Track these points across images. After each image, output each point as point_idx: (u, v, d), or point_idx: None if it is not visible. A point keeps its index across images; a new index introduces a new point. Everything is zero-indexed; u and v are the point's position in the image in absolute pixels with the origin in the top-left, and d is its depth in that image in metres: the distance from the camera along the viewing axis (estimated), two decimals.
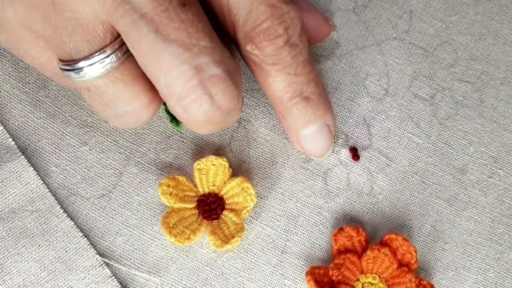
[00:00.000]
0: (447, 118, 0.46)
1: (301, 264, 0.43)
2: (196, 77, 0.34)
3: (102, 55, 0.35)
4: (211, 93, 0.35)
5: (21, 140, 0.43)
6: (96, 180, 0.43)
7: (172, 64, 0.34)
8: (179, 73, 0.34)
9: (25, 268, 0.41)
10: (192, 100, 0.35)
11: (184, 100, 0.35)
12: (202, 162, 0.43)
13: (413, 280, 0.40)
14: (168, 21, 0.34)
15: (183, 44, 0.34)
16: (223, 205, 0.43)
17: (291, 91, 0.39)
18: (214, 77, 0.35)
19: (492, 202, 0.45)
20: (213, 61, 0.35)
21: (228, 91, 0.35)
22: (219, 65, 0.35)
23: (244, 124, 0.45)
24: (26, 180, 0.42)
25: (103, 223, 0.42)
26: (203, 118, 0.36)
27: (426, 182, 0.45)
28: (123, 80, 0.36)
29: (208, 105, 0.35)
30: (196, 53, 0.34)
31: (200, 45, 0.34)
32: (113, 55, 0.35)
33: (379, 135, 0.46)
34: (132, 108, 0.37)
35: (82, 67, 0.35)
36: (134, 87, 0.36)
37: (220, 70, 0.35)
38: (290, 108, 0.40)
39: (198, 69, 0.34)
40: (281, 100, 0.39)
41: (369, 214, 0.44)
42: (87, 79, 0.36)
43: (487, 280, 0.43)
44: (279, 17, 0.37)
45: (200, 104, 0.35)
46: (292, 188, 0.44)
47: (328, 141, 0.42)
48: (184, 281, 0.42)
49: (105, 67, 0.35)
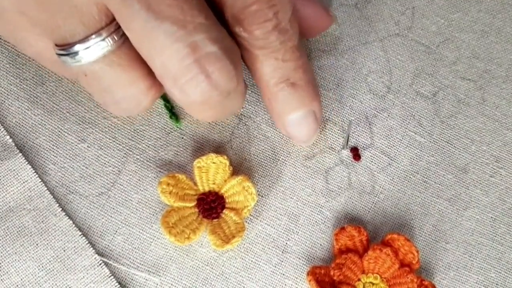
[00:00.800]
0: (449, 116, 0.46)
1: (302, 264, 0.42)
2: (191, 56, 0.34)
3: (98, 38, 0.34)
4: (207, 72, 0.34)
5: (18, 138, 0.43)
6: (94, 178, 0.43)
7: (166, 42, 0.33)
8: (173, 52, 0.33)
9: (23, 268, 0.40)
10: (188, 80, 0.34)
11: (180, 80, 0.34)
12: (202, 160, 0.42)
13: (415, 280, 0.40)
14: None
15: (177, 22, 0.33)
16: (224, 203, 0.42)
17: (277, 76, 0.38)
18: (211, 55, 0.34)
19: (493, 201, 0.45)
20: (209, 39, 0.34)
21: (225, 69, 0.34)
22: (215, 42, 0.34)
23: (244, 120, 0.45)
24: (24, 178, 0.42)
25: (102, 221, 0.42)
26: (201, 98, 0.35)
27: (427, 182, 0.45)
28: (120, 64, 0.35)
29: (204, 84, 0.34)
30: (191, 31, 0.33)
31: (195, 22, 0.33)
32: (109, 38, 0.34)
33: (381, 134, 0.45)
34: (130, 93, 0.36)
35: (77, 51, 0.35)
36: (131, 72, 0.36)
37: (216, 47, 0.34)
38: (276, 93, 0.39)
39: (193, 47, 0.33)
40: (267, 85, 0.39)
41: (371, 213, 0.44)
42: (83, 64, 0.35)
43: (489, 280, 0.43)
44: (269, 0, 0.36)
45: (197, 83, 0.34)
46: (293, 186, 0.44)
47: (313, 128, 0.41)
48: (184, 280, 0.41)
49: (101, 50, 0.35)
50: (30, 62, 0.44)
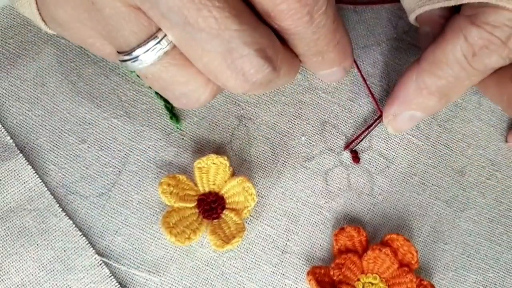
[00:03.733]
0: (446, 120, 0.47)
1: (302, 264, 0.43)
2: (228, 59, 0.35)
3: (152, 42, 0.36)
4: (243, 71, 0.36)
5: (19, 138, 0.43)
6: (95, 179, 0.43)
7: (205, 50, 0.35)
8: (212, 57, 0.35)
9: (23, 268, 0.40)
10: (227, 77, 0.36)
11: (220, 78, 0.36)
12: (202, 161, 0.42)
13: (414, 280, 0.41)
14: (195, 11, 0.34)
15: (213, 31, 0.35)
16: (224, 204, 0.43)
17: (311, 53, 0.40)
18: (245, 57, 0.36)
19: (490, 203, 0.45)
20: (244, 43, 0.35)
21: (260, 67, 0.36)
22: (250, 45, 0.36)
23: (245, 122, 0.45)
24: (24, 178, 0.41)
25: (102, 222, 0.42)
26: (241, 90, 0.37)
27: (425, 184, 0.45)
28: (175, 64, 0.37)
29: (242, 81, 0.36)
30: (227, 38, 0.35)
31: (230, 30, 0.35)
32: (163, 40, 0.36)
33: (379, 137, 0.46)
34: (188, 89, 0.38)
35: (136, 56, 0.36)
36: (187, 70, 0.37)
37: (252, 49, 0.36)
38: (308, 61, 0.41)
39: (229, 51, 0.35)
40: (299, 56, 0.41)
41: (370, 214, 0.44)
42: (142, 68, 0.37)
43: (487, 280, 0.44)
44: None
45: (235, 80, 0.36)
46: (293, 187, 0.44)
47: (341, 77, 0.44)
48: (184, 280, 0.42)
49: (157, 53, 0.36)
50: (31, 64, 0.44)
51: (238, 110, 0.45)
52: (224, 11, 0.35)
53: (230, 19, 0.35)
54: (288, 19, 0.37)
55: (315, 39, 0.39)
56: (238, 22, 0.35)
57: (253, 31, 0.36)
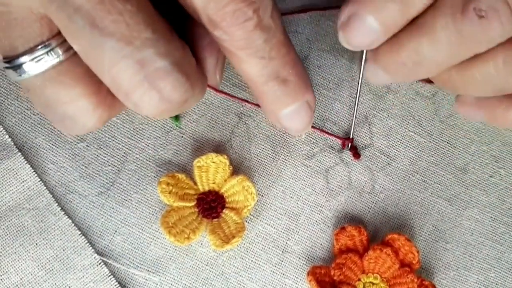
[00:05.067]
0: (448, 116, 0.46)
1: (302, 264, 0.42)
2: (141, 72, 0.32)
3: (40, 51, 0.33)
4: (159, 87, 0.33)
5: (18, 137, 0.42)
6: (93, 177, 0.43)
7: (114, 59, 0.32)
8: (122, 68, 0.32)
9: (22, 267, 0.40)
10: (140, 95, 0.33)
11: (132, 96, 0.33)
12: (202, 160, 0.42)
13: (415, 280, 0.40)
14: (105, 14, 0.31)
15: (123, 38, 0.32)
16: (224, 203, 0.42)
17: (266, 75, 0.36)
18: (160, 70, 0.32)
19: (493, 201, 0.45)
20: (158, 54, 0.32)
21: (177, 83, 0.33)
22: (165, 57, 0.33)
23: (244, 119, 0.45)
24: (23, 177, 0.41)
25: (101, 221, 0.42)
26: (155, 111, 0.34)
27: (427, 181, 0.45)
28: (61, 80, 0.34)
29: (157, 100, 0.33)
30: (138, 46, 0.32)
31: (142, 37, 0.32)
32: (51, 52, 0.33)
33: (381, 134, 0.45)
34: (74, 112, 0.35)
35: (19, 64, 0.33)
36: (73, 89, 0.34)
37: (166, 62, 0.33)
38: (266, 92, 0.37)
39: (142, 63, 0.32)
40: (257, 85, 0.37)
41: (371, 213, 0.44)
42: (24, 78, 0.34)
43: (488, 280, 0.43)
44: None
45: (149, 99, 0.33)
46: (294, 185, 0.44)
47: (308, 118, 0.40)
48: (183, 280, 0.41)
49: (44, 64, 0.33)
50: None
51: (237, 107, 0.45)
52: (137, 16, 0.32)
53: (143, 26, 0.32)
54: (235, 24, 0.33)
55: (268, 51, 0.35)
56: (152, 30, 0.32)
57: (168, 41, 0.33)
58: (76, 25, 0.31)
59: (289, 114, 0.38)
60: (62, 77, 0.34)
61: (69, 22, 0.32)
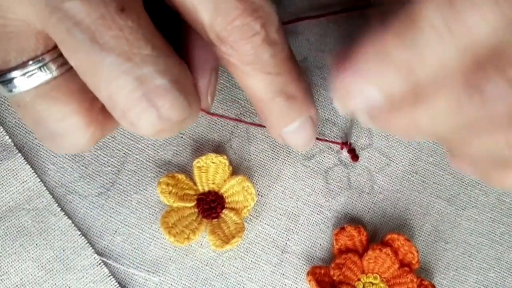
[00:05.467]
0: None
1: (302, 264, 0.42)
2: (140, 89, 0.32)
3: (33, 66, 0.32)
4: (157, 106, 0.32)
5: (18, 138, 0.42)
6: (93, 178, 0.43)
7: (113, 75, 0.31)
8: (120, 85, 0.31)
9: (22, 267, 0.40)
10: (137, 113, 0.32)
11: (129, 113, 0.32)
12: (202, 160, 0.42)
13: (414, 280, 0.41)
14: (105, 29, 0.31)
15: (123, 54, 0.31)
16: (223, 203, 0.42)
17: (272, 90, 0.36)
18: (159, 88, 0.32)
19: (492, 201, 0.45)
20: (157, 71, 0.32)
21: (176, 102, 0.33)
22: (164, 74, 0.32)
23: (244, 120, 0.45)
24: (23, 178, 0.42)
25: (101, 221, 0.42)
26: (152, 130, 0.33)
27: (426, 182, 0.45)
28: (53, 96, 0.33)
29: (155, 118, 0.33)
30: (138, 63, 0.31)
31: (142, 54, 0.32)
32: (44, 67, 0.32)
33: (380, 134, 0.45)
34: (63, 129, 0.34)
35: (10, 79, 0.33)
36: (66, 106, 0.33)
37: (165, 80, 0.32)
38: (272, 108, 0.37)
39: (141, 80, 0.32)
40: (262, 100, 0.37)
41: (370, 213, 0.44)
42: (14, 93, 0.33)
43: (488, 280, 0.43)
44: (253, 11, 0.33)
45: (146, 117, 0.32)
46: (293, 186, 0.44)
47: (312, 133, 0.40)
48: (183, 280, 0.41)
49: (35, 81, 0.33)
50: None
51: (237, 108, 0.45)
52: (137, 33, 0.32)
53: (143, 42, 0.32)
54: (243, 39, 0.33)
55: (274, 65, 0.35)
56: (152, 47, 0.32)
57: (167, 59, 0.33)
58: (75, 39, 0.31)
59: (294, 130, 0.38)
60: (55, 92, 0.33)
61: (68, 36, 0.31)
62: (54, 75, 0.33)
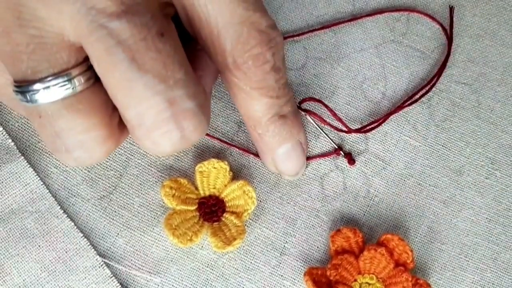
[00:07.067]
0: (444, 120, 0.47)
1: (300, 265, 0.43)
2: (169, 110, 0.33)
3: (61, 79, 0.33)
4: (182, 127, 0.34)
5: (21, 141, 0.43)
6: (96, 181, 0.43)
7: (146, 94, 0.33)
8: (152, 104, 0.33)
9: (25, 269, 0.41)
10: (163, 133, 0.34)
11: (154, 132, 0.34)
12: (204, 165, 0.43)
13: (409, 279, 0.41)
14: (146, 50, 0.32)
15: (159, 75, 0.33)
16: (224, 207, 0.43)
17: (272, 112, 0.39)
18: (188, 111, 0.34)
19: (489, 202, 0.45)
20: (187, 95, 0.34)
21: (200, 125, 0.35)
22: (193, 99, 0.34)
23: (243, 128, 0.45)
24: (26, 181, 0.42)
25: (104, 224, 0.43)
26: (170, 150, 0.35)
27: (422, 184, 0.45)
28: (79, 109, 0.34)
29: (177, 139, 0.34)
30: (171, 85, 0.33)
31: (176, 78, 0.33)
32: (74, 80, 0.33)
33: (376, 139, 0.46)
34: (83, 141, 0.35)
35: (37, 90, 0.33)
36: (90, 119, 0.34)
37: (194, 104, 0.34)
38: (268, 127, 0.40)
39: (171, 102, 0.33)
40: (260, 121, 0.40)
41: (366, 216, 0.44)
42: (40, 104, 0.33)
43: (484, 280, 0.43)
44: (268, 42, 0.36)
45: (170, 137, 0.34)
46: (290, 192, 0.44)
47: (302, 158, 0.43)
48: (184, 281, 0.42)
49: (63, 92, 0.33)
50: None
51: (237, 116, 0.46)
52: (173, 57, 0.33)
53: (177, 66, 0.33)
54: (256, 66, 0.36)
55: (277, 90, 0.38)
56: (184, 72, 0.34)
57: (195, 84, 0.35)
58: (114, 57, 0.32)
59: (285, 153, 0.42)
60: (81, 105, 0.34)
61: (106, 53, 0.32)
62: (81, 88, 0.34)
